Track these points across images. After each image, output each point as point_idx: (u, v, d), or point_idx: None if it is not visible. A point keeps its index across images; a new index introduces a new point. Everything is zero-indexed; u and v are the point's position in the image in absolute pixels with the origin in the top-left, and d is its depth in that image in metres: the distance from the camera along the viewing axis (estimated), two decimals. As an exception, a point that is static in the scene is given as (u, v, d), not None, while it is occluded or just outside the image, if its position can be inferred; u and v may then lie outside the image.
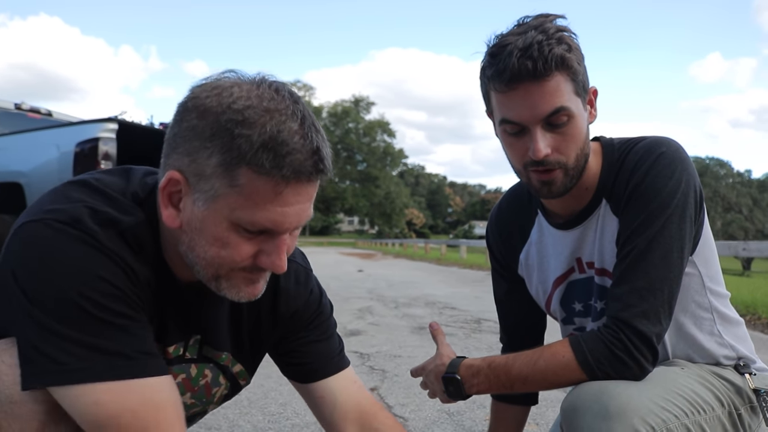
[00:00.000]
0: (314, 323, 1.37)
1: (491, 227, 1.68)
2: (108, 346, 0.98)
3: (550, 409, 2.94)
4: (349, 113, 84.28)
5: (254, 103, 0.96)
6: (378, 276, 12.80)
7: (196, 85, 1.03)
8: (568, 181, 1.32)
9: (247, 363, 1.35)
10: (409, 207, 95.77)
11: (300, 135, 0.97)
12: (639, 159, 1.32)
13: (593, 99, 1.36)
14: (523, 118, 1.26)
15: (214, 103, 0.97)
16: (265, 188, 0.96)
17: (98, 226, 1.01)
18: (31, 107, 7.18)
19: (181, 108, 1.01)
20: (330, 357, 1.38)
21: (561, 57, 1.22)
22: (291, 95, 1.01)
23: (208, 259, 1.03)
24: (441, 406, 3.01)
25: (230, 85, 0.99)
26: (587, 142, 1.33)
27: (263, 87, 1.00)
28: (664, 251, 1.26)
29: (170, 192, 1.02)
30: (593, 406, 1.16)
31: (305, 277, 1.37)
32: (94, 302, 0.97)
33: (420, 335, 5.21)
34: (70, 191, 1.07)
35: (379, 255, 28.91)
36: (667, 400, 1.20)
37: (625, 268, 1.28)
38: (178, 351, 1.22)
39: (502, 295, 1.69)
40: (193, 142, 0.97)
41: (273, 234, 1.02)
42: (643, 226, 1.27)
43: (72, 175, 4.89)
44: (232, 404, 2.98)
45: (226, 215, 0.99)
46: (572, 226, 1.44)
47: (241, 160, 0.95)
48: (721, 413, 1.29)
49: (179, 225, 1.03)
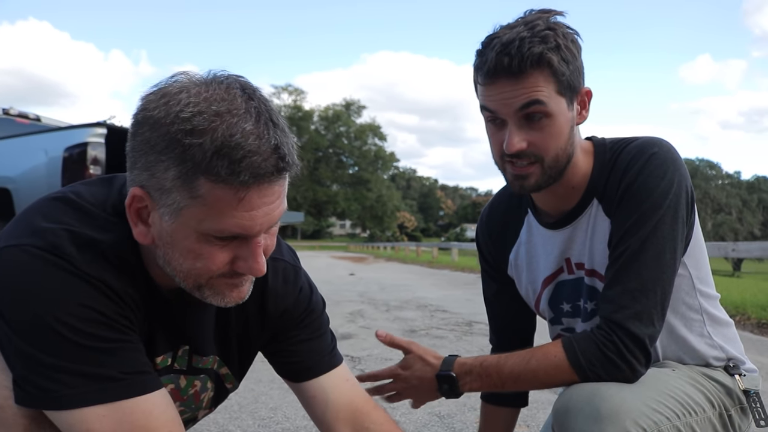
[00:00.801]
0: (305, 321, 1.35)
1: (481, 227, 1.68)
2: (93, 371, 0.97)
3: (540, 411, 2.94)
4: (340, 117, 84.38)
5: (203, 108, 0.92)
6: (370, 279, 12.79)
7: (146, 93, 0.99)
8: (544, 179, 1.32)
9: (233, 366, 1.33)
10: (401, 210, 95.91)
11: (255, 135, 0.93)
12: (631, 159, 1.32)
13: (586, 100, 1.35)
14: (499, 110, 1.28)
15: (162, 114, 0.93)
16: (226, 196, 0.93)
17: (77, 249, 0.99)
18: (20, 112, 7.15)
19: (133, 121, 0.98)
20: (321, 355, 1.36)
21: (539, 55, 1.22)
22: (244, 91, 0.97)
23: (185, 271, 1.02)
24: (432, 409, 3.00)
25: (178, 91, 0.95)
26: (570, 142, 1.32)
27: (213, 87, 0.96)
28: (657, 252, 1.26)
29: (137, 208, 1.00)
30: (585, 408, 1.16)
31: (294, 275, 1.34)
32: (74, 328, 0.96)
33: (411, 338, 5.18)
34: (50, 210, 1.04)
35: (371, 258, 28.89)
36: (658, 402, 1.20)
37: (617, 269, 1.28)
38: (166, 362, 1.20)
39: (491, 296, 1.69)
40: (149, 156, 0.94)
41: (246, 238, 0.99)
42: (636, 226, 1.27)
43: (60, 180, 4.87)
44: (222, 409, 2.97)
45: (194, 227, 0.96)
46: (562, 225, 1.43)
47: (197, 170, 0.91)
48: (712, 414, 1.30)
49: (151, 240, 1.02)
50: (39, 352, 0.95)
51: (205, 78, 0.98)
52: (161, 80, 1.00)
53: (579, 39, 1.29)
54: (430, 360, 1.47)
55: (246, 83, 0.99)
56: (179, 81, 0.98)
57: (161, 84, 0.99)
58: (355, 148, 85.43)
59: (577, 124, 1.35)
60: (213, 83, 0.96)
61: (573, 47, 1.27)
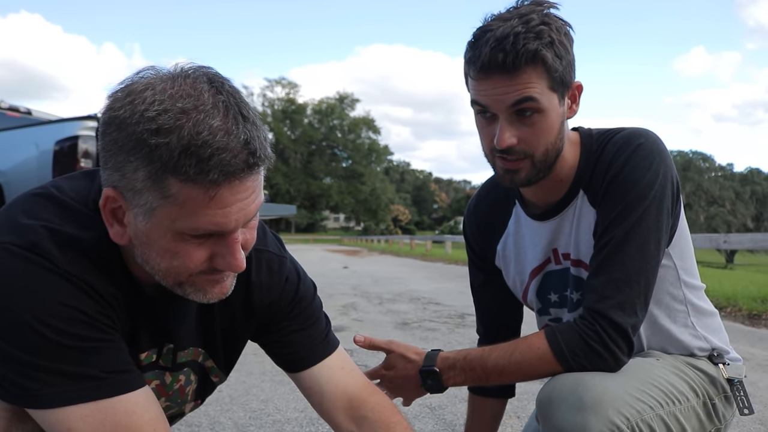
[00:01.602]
0: (294, 312, 1.33)
1: (468, 218, 1.68)
2: (74, 370, 0.96)
3: (531, 402, 2.95)
4: (334, 110, 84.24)
5: (168, 106, 0.89)
6: (363, 272, 12.80)
7: (113, 91, 0.96)
8: (533, 173, 1.32)
9: (219, 359, 1.32)
10: (395, 203, 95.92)
11: (224, 131, 0.90)
12: (617, 150, 1.32)
13: (576, 94, 1.35)
14: (490, 105, 1.27)
15: (128, 114, 0.91)
16: (197, 195, 0.91)
17: (58, 248, 0.98)
18: (10, 105, 7.10)
19: (101, 121, 0.96)
20: (314, 344, 1.34)
21: (534, 52, 1.21)
22: (211, 84, 0.94)
23: (164, 270, 1.00)
24: (423, 401, 3.01)
25: (143, 88, 0.92)
26: (560, 137, 1.32)
27: (179, 83, 0.93)
28: (641, 242, 1.26)
29: (111, 209, 0.99)
30: (568, 397, 1.17)
31: (279, 266, 1.31)
32: (55, 327, 0.95)
33: (404, 331, 5.22)
34: (31, 206, 1.03)
35: (365, 252, 28.90)
36: (642, 392, 1.20)
37: (602, 260, 1.29)
38: (150, 358, 1.20)
39: (478, 287, 1.69)
40: (118, 156, 0.93)
41: (222, 235, 0.97)
42: (621, 217, 1.28)
43: (51, 174, 4.85)
44: (213, 401, 2.97)
45: (168, 226, 0.95)
46: (549, 216, 1.44)
47: (165, 170, 0.89)
48: (696, 403, 1.31)
49: (128, 240, 1.01)
50: (18, 350, 0.94)
51: (172, 72, 0.96)
52: (128, 76, 0.98)
53: (571, 32, 1.28)
54: (412, 357, 1.47)
55: (214, 75, 0.96)
56: (145, 77, 0.95)
57: (127, 80, 0.97)
58: (349, 141, 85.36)
59: (567, 118, 1.35)
60: (179, 78, 0.94)
61: (566, 41, 1.26)
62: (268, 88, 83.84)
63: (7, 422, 1.00)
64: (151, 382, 1.22)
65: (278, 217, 10.40)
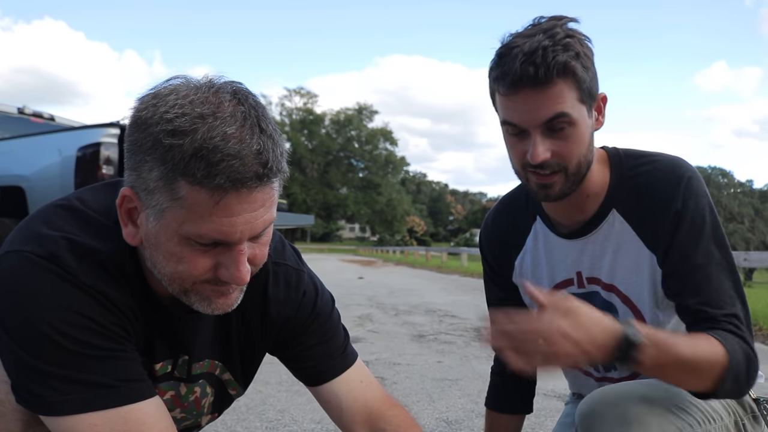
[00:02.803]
0: (312, 326, 1.33)
1: (485, 232, 1.66)
2: (86, 378, 0.97)
3: (548, 418, 2.93)
4: (352, 121, 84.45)
5: (187, 110, 0.91)
6: (378, 283, 12.79)
7: (142, 95, 0.99)
8: (567, 186, 1.30)
9: (237, 372, 1.32)
10: (411, 214, 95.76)
11: (237, 139, 0.91)
12: (671, 185, 1.32)
13: (602, 105, 1.34)
14: (523, 122, 1.26)
15: (150, 114, 0.93)
16: (204, 199, 0.91)
17: (76, 259, 1.00)
18: (34, 111, 7.19)
19: (128, 122, 0.98)
20: (333, 358, 1.34)
21: (564, 64, 1.20)
22: (234, 95, 0.95)
23: (169, 274, 1.01)
24: (440, 415, 3.00)
25: (168, 93, 0.95)
26: (590, 149, 1.32)
27: (202, 90, 0.95)
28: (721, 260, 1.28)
29: (127, 209, 1.00)
30: (612, 411, 1.16)
31: (296, 280, 1.30)
32: (68, 336, 0.96)
33: (419, 343, 5.20)
34: (53, 217, 1.05)
35: (380, 262, 28.88)
36: (682, 410, 1.21)
37: (695, 281, 1.27)
38: (165, 368, 1.20)
39: (494, 302, 1.67)
40: (137, 156, 0.95)
41: (228, 245, 0.97)
42: (699, 243, 1.28)
43: (73, 180, 4.89)
44: (229, 410, 2.96)
45: (175, 229, 0.95)
46: (576, 236, 1.42)
47: (176, 171, 0.91)
48: (729, 422, 1.30)
49: (140, 241, 1.02)
50: (32, 357, 0.96)
51: (199, 82, 0.98)
52: (159, 83, 1.00)
53: (591, 45, 1.28)
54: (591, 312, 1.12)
55: (239, 88, 0.98)
56: (173, 84, 0.98)
57: (157, 86, 0.99)
58: (366, 152, 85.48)
59: (594, 130, 1.34)
60: (204, 87, 0.96)
61: (590, 53, 1.26)
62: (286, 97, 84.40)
63: (24, 425, 1.01)
64: (166, 393, 1.23)
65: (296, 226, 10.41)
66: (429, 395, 3.43)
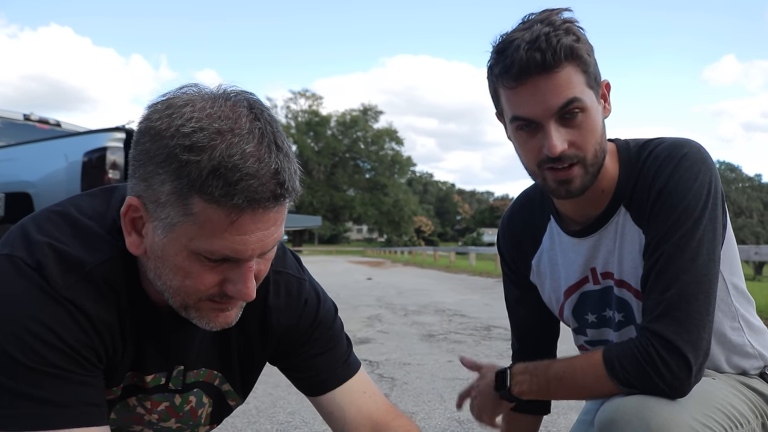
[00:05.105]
0: (314, 336, 1.30)
1: (502, 232, 1.63)
2: (41, 396, 0.94)
3: (561, 416, 2.90)
4: (358, 122, 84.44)
5: (204, 125, 0.89)
6: (387, 284, 12.78)
7: (153, 102, 0.96)
8: (587, 178, 1.26)
9: (236, 382, 1.30)
10: (418, 215, 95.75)
11: (256, 157, 0.89)
12: (661, 163, 1.26)
13: (606, 92, 1.30)
14: (535, 114, 1.21)
15: (164, 126, 0.90)
16: (219, 217, 0.90)
17: (61, 270, 0.97)
18: (40, 118, 7.22)
19: (137, 129, 0.96)
20: (335, 367, 1.32)
21: (570, 47, 1.17)
22: (251, 110, 0.93)
23: (175, 288, 0.99)
24: (451, 414, 2.97)
25: (183, 104, 0.92)
26: (604, 137, 1.28)
27: (218, 103, 0.92)
28: (693, 255, 1.19)
29: (132, 218, 0.98)
30: (633, 420, 1.11)
31: (297, 289, 1.27)
32: (32, 350, 0.93)
33: (429, 343, 5.18)
34: (46, 224, 1.03)
35: (388, 263, 28.88)
36: (707, 416, 1.14)
37: (654, 277, 1.22)
38: (158, 380, 1.17)
39: (513, 302, 1.65)
40: (147, 167, 0.92)
41: (237, 261, 0.96)
42: (670, 231, 1.21)
43: (80, 185, 4.90)
44: (240, 413, 2.96)
45: (185, 244, 0.93)
46: (587, 233, 1.38)
47: (192, 188, 0.88)
48: (756, 425, 1.25)
49: (143, 252, 0.99)
50: None
51: (214, 93, 0.95)
52: (170, 90, 0.98)
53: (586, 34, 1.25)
54: (495, 368, 1.48)
55: (255, 101, 0.96)
56: (187, 93, 0.95)
57: (169, 94, 0.96)
58: (372, 153, 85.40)
59: (604, 117, 1.30)
60: (220, 99, 0.93)
61: (588, 40, 1.23)
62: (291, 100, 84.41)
63: None
64: (160, 404, 1.20)
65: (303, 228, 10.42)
66: (440, 395, 3.41)
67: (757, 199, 65.99)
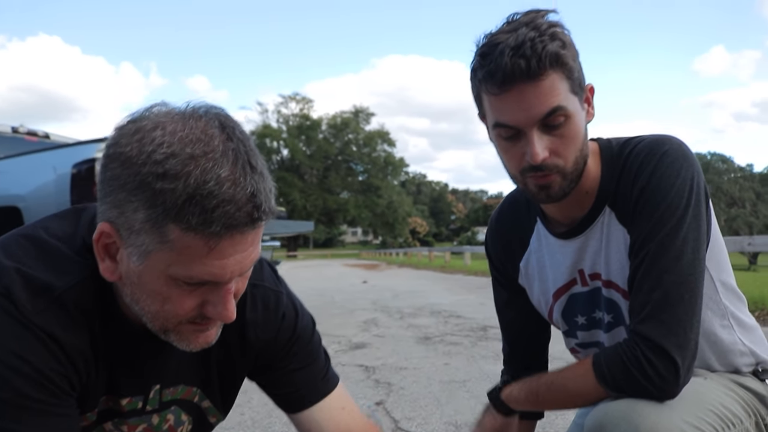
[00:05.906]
0: (293, 350, 1.28)
1: (490, 235, 1.62)
2: (9, 428, 0.92)
3: (559, 417, 2.89)
4: (349, 124, 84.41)
5: (176, 150, 0.86)
6: (382, 287, 12.76)
7: (121, 125, 0.94)
8: (566, 185, 1.25)
9: (216, 399, 1.28)
10: (412, 216, 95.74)
11: (231, 181, 0.87)
12: (642, 161, 1.25)
13: (590, 97, 1.29)
14: (518, 121, 1.19)
15: (134, 153, 0.88)
16: (197, 244, 0.88)
17: (29, 296, 0.95)
18: (29, 130, 7.17)
19: (105, 153, 0.94)
20: (314, 383, 1.30)
21: (555, 54, 1.15)
22: (223, 129, 0.91)
23: (153, 312, 0.97)
24: (448, 419, 2.96)
25: (152, 127, 0.90)
26: (586, 143, 1.27)
27: (189, 124, 0.90)
28: (677, 254, 1.18)
29: (105, 244, 0.96)
30: (622, 424, 1.09)
31: (275, 302, 1.26)
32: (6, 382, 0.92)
33: (426, 345, 5.17)
34: (14, 248, 1.01)
35: (384, 265, 28.84)
36: (699, 418, 1.13)
37: (639, 278, 1.21)
38: (135, 404, 1.15)
39: (502, 305, 1.63)
40: (119, 193, 0.90)
41: (216, 284, 0.95)
42: (654, 230, 1.20)
43: (69, 197, 4.87)
44: (235, 424, 2.94)
45: (162, 270, 0.92)
46: (573, 235, 1.37)
47: (167, 216, 0.86)
48: (749, 425, 1.23)
49: (119, 278, 0.98)
50: None
51: (184, 112, 0.93)
52: (137, 110, 0.95)
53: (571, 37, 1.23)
54: None
55: (226, 118, 0.94)
56: (156, 114, 0.93)
57: (137, 114, 0.94)
58: (365, 155, 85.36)
59: (587, 122, 1.29)
60: (190, 119, 0.91)
61: (574, 44, 1.21)
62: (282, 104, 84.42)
63: None
64: (137, 427, 1.18)
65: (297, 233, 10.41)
66: (437, 399, 3.39)
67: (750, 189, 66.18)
